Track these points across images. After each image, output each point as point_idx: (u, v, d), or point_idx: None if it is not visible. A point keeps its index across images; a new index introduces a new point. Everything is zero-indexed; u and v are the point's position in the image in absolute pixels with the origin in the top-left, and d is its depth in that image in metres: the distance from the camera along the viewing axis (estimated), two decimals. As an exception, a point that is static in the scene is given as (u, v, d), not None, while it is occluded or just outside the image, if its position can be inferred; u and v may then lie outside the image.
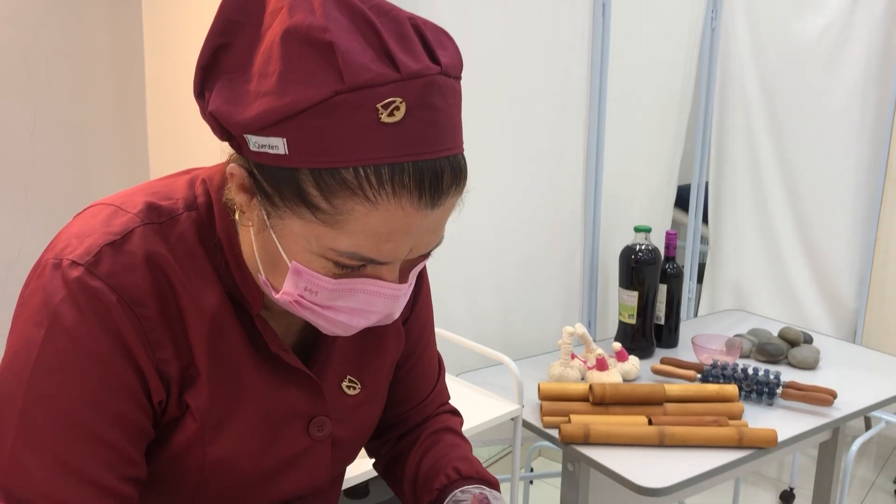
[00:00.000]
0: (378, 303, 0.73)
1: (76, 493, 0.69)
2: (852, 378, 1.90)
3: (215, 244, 0.76)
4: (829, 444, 2.10)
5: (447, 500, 0.89)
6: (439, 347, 1.08)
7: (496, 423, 1.65)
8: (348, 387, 0.87)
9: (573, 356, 1.87)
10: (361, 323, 0.74)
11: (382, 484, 1.66)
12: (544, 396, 1.72)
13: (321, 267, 0.69)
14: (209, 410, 0.76)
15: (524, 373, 1.71)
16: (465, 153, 0.71)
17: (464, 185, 0.71)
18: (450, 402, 1.06)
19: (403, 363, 0.96)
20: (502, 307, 2.14)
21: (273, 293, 0.74)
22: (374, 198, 0.65)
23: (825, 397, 1.71)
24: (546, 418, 1.67)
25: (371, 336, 0.89)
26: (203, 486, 0.78)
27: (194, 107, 0.73)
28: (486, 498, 0.81)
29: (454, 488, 0.91)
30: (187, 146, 1.77)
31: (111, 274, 0.70)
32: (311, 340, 0.85)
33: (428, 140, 0.66)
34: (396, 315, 0.76)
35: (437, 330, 1.12)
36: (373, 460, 1.05)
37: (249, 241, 0.74)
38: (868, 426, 2.84)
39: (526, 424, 1.70)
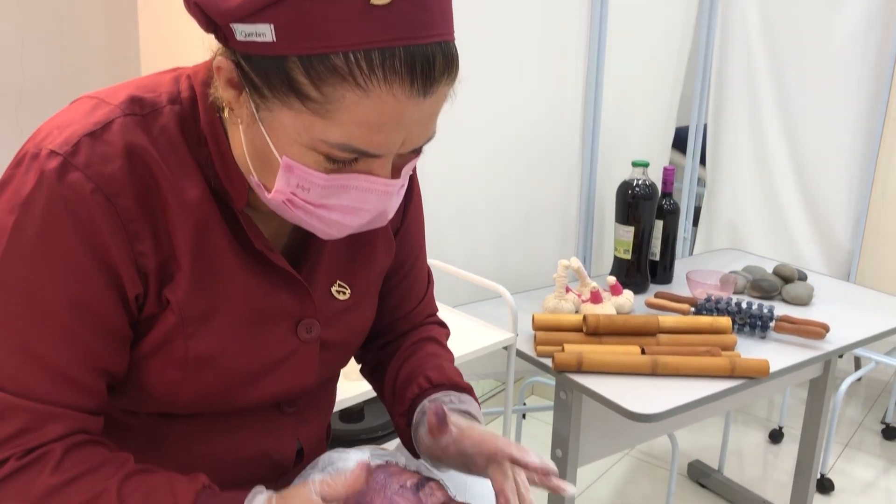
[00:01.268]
0: (371, 199, 0.72)
1: (41, 381, 0.70)
2: (845, 314, 1.91)
3: (198, 139, 0.75)
4: (820, 380, 2.12)
5: (417, 411, 0.91)
6: (434, 278, 1.08)
7: (490, 351, 1.66)
8: (338, 291, 0.87)
9: (567, 289, 1.87)
10: (355, 221, 0.74)
11: (377, 408, 1.68)
12: (538, 327, 1.72)
13: (312, 161, 0.69)
14: (189, 304, 0.75)
15: (518, 306, 1.71)
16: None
17: (456, 73, 0.70)
18: (437, 314, 1.07)
19: (394, 274, 0.96)
20: (497, 241, 2.14)
21: (265, 193, 0.73)
22: (364, 84, 0.64)
23: (818, 330, 1.72)
24: (540, 347, 1.68)
25: (361, 243, 0.89)
26: (188, 381, 0.78)
27: (187, 18, 0.71)
28: (442, 408, 0.82)
29: (424, 397, 0.92)
30: (179, 62, 1.73)
31: (89, 164, 0.69)
32: (301, 244, 0.85)
33: (419, 24, 0.64)
34: (390, 214, 0.75)
35: (431, 261, 1.12)
36: (366, 386, 1.07)
37: (239, 139, 0.73)
38: (857, 366, 2.87)
39: (520, 354, 1.71)
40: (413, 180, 0.95)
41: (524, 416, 2.76)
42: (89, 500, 0.70)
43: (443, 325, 1.06)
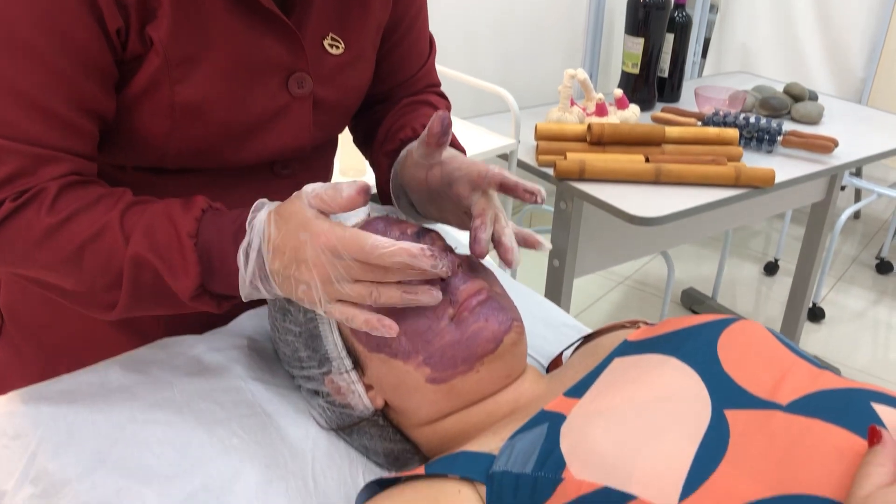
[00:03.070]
0: None
1: (32, 123, 0.67)
2: (855, 132, 1.87)
3: None
4: (821, 206, 2.11)
5: (405, 149, 0.84)
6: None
7: (490, 158, 1.63)
8: (331, 45, 0.82)
9: (573, 103, 1.82)
10: None
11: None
12: (541, 136, 1.68)
13: None
14: (173, 45, 0.71)
15: (522, 121, 1.66)
16: None
17: None
18: (439, 87, 1.01)
19: (392, 32, 0.91)
20: (502, 55, 2.06)
21: None
22: None
23: (826, 144, 1.68)
24: (542, 157, 1.64)
25: None
26: (176, 132, 0.74)
27: None
28: (449, 117, 0.73)
29: (415, 139, 0.84)
30: None
31: None
32: None
33: None
34: None
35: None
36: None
37: None
38: (858, 199, 2.86)
39: (521, 164, 1.68)
40: None
41: (522, 244, 2.77)
42: (93, 236, 0.68)
43: (444, 96, 1.01)
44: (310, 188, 0.65)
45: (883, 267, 2.84)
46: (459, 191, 0.73)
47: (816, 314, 2.55)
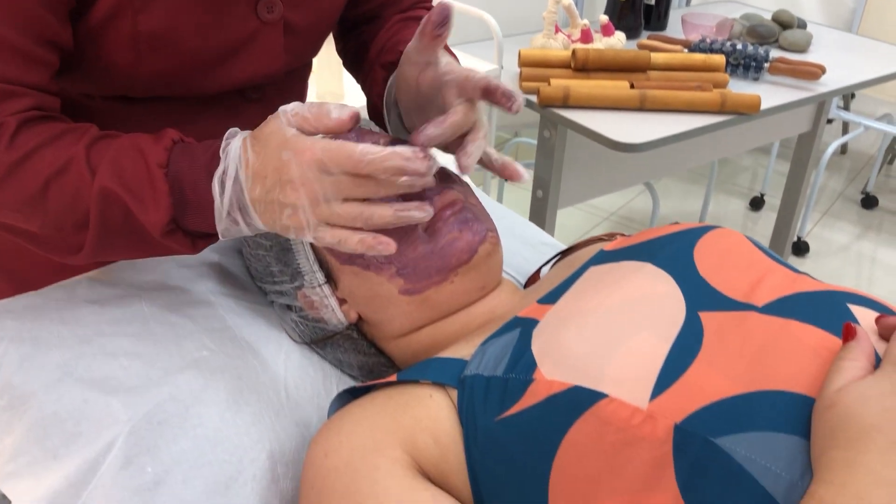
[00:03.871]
0: None
1: None
2: (843, 60, 1.84)
3: None
4: (807, 137, 2.09)
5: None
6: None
7: (473, 85, 1.59)
8: None
9: (557, 29, 1.78)
10: None
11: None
12: (524, 62, 1.65)
13: None
14: None
15: (506, 49, 1.62)
16: None
17: None
18: (430, 2, 0.98)
19: None
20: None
21: None
22: None
23: (813, 70, 1.65)
24: (525, 84, 1.61)
25: None
26: (142, 62, 0.71)
27: None
28: (450, 9, 0.69)
29: None
30: None
31: None
32: None
33: None
34: None
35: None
36: None
37: None
38: (845, 133, 2.84)
39: (504, 92, 1.65)
40: None
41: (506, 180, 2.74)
42: (58, 171, 0.64)
43: None
44: (288, 107, 0.61)
45: (868, 201, 2.83)
46: (446, 95, 0.69)
47: (801, 248, 2.55)
